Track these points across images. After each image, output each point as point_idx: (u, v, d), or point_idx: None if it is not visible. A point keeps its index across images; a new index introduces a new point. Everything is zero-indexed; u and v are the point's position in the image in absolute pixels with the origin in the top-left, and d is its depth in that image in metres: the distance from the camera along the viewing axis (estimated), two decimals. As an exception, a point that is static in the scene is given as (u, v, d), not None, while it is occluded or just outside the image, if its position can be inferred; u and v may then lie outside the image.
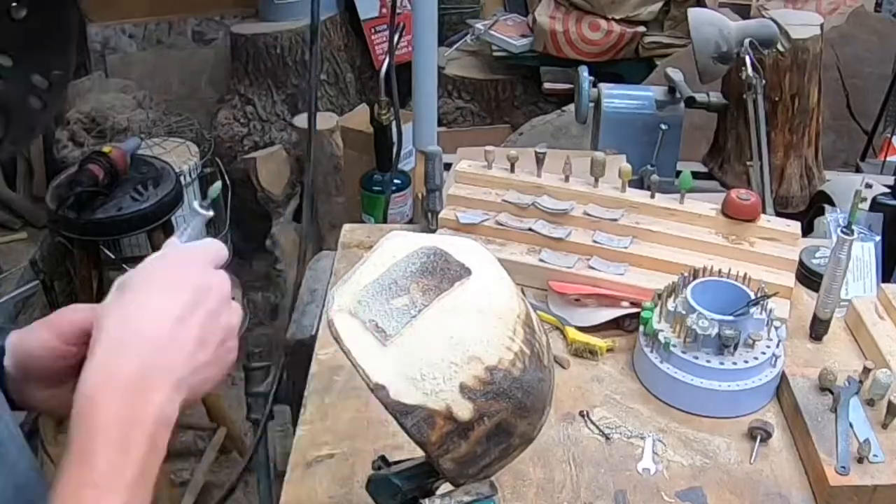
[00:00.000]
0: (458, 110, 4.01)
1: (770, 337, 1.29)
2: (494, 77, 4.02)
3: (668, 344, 1.26)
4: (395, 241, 0.84)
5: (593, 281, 1.45)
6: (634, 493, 1.14)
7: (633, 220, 1.53)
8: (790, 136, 2.69)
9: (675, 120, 2.54)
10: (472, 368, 0.74)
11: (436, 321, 0.75)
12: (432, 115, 2.49)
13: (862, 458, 1.12)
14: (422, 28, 2.24)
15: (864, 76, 3.64)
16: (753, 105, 2.38)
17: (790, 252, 1.48)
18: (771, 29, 2.48)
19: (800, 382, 1.26)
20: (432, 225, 1.61)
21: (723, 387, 1.24)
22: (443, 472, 0.77)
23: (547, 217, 1.55)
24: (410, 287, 0.79)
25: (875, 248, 1.52)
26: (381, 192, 2.67)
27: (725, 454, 1.21)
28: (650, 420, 1.26)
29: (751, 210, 1.51)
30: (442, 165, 1.66)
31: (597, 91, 2.64)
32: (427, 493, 0.82)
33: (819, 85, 2.66)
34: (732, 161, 2.76)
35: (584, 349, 1.37)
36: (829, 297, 1.37)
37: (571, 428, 1.24)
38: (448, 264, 0.80)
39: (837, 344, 1.41)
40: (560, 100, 3.75)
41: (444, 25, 3.91)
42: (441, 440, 0.74)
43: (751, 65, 2.37)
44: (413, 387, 0.73)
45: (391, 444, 1.15)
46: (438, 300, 0.77)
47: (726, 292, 1.32)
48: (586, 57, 3.75)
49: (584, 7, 3.78)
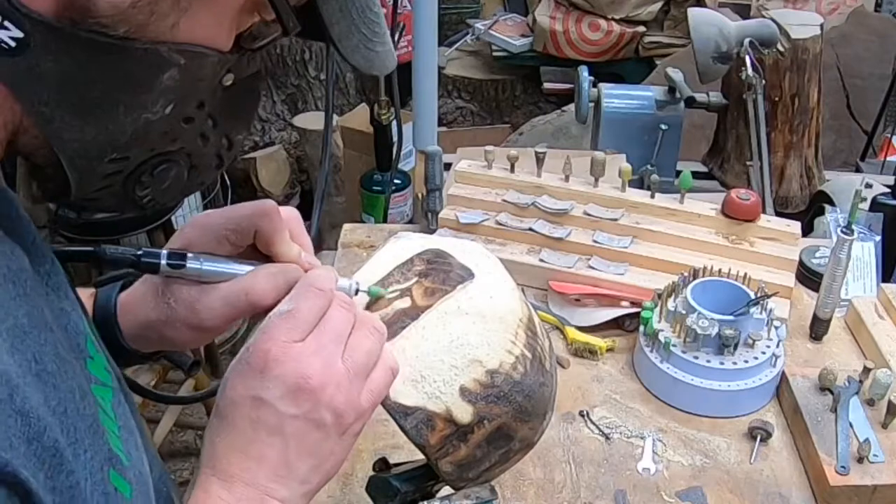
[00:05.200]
0: (458, 110, 4.02)
1: (770, 337, 1.29)
2: (494, 77, 4.02)
3: (669, 344, 1.26)
4: (397, 242, 0.84)
5: (593, 281, 1.45)
6: (634, 493, 1.14)
7: (633, 220, 1.53)
8: (790, 136, 2.69)
9: (675, 120, 2.54)
10: (472, 371, 0.74)
11: (437, 323, 0.75)
12: (432, 115, 2.49)
13: (862, 457, 1.12)
14: (422, 28, 2.24)
15: (864, 76, 3.64)
16: (753, 105, 2.38)
17: (790, 252, 1.48)
18: (771, 29, 2.48)
19: (800, 382, 1.26)
20: (432, 225, 1.61)
21: (723, 387, 1.24)
22: (442, 476, 0.77)
23: (547, 217, 1.55)
24: (412, 289, 0.79)
25: (875, 248, 1.52)
26: (381, 191, 2.68)
27: (725, 454, 1.21)
28: (650, 420, 1.26)
29: (751, 210, 1.51)
30: (442, 165, 1.66)
31: (597, 91, 2.64)
32: (426, 496, 0.82)
33: (819, 85, 2.66)
34: (732, 161, 2.76)
35: (584, 349, 1.37)
36: (829, 297, 1.37)
37: (571, 428, 1.24)
38: (450, 267, 0.80)
39: (837, 344, 1.41)
40: (560, 100, 3.75)
41: (444, 25, 3.91)
42: (440, 443, 0.74)
43: (751, 65, 2.37)
44: (413, 388, 0.73)
45: (391, 444, 1.15)
46: (440, 302, 0.77)
47: (726, 292, 1.32)
48: (586, 57, 3.75)
49: (584, 7, 3.78)
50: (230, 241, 0.74)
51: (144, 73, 0.53)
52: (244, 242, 0.74)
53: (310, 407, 0.65)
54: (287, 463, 0.65)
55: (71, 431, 0.52)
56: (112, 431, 0.59)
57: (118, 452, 0.58)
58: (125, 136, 0.55)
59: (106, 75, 0.52)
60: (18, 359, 0.49)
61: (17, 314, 0.51)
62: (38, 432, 0.48)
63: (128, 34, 0.51)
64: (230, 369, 0.68)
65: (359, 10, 0.62)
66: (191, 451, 2.74)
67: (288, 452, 0.65)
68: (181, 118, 0.58)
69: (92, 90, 0.53)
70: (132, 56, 0.52)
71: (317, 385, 0.65)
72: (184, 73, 0.55)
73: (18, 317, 0.51)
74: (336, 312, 0.68)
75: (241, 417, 0.65)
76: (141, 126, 0.55)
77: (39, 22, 0.49)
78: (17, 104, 0.52)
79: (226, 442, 0.66)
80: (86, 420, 0.54)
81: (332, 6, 0.60)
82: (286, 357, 0.65)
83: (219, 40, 0.57)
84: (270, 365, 0.64)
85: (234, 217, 0.74)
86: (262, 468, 0.65)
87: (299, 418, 0.65)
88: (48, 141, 0.54)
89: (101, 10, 0.50)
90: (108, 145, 0.55)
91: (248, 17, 0.59)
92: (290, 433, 0.65)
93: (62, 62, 0.51)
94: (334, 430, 0.66)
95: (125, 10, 0.50)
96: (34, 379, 0.50)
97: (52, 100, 0.52)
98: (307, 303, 0.67)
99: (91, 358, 0.62)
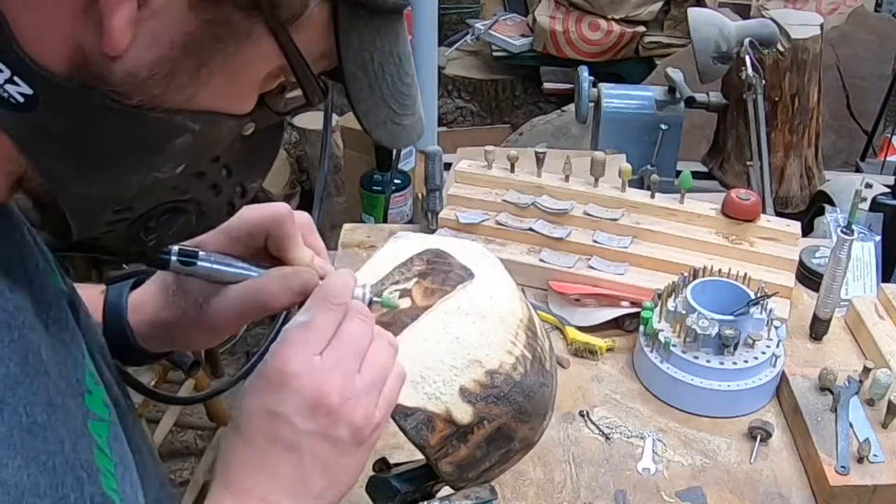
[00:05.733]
0: (458, 110, 4.02)
1: (770, 337, 1.29)
2: (494, 77, 4.02)
3: (668, 344, 1.26)
4: (397, 242, 0.84)
5: (593, 281, 1.45)
6: (634, 493, 1.14)
7: (633, 220, 1.53)
8: (790, 136, 2.69)
9: (675, 120, 2.54)
10: (472, 372, 0.74)
11: (437, 324, 0.75)
12: (432, 115, 2.50)
13: (862, 457, 1.12)
14: (422, 28, 2.25)
15: (864, 76, 3.64)
16: (753, 105, 2.38)
17: (790, 252, 1.48)
18: (771, 29, 2.48)
19: (800, 382, 1.26)
20: (432, 225, 1.61)
21: (723, 387, 1.24)
22: (442, 476, 0.77)
23: (547, 217, 1.55)
24: (412, 289, 0.79)
25: (875, 248, 1.52)
26: (381, 191, 2.67)
27: (725, 454, 1.21)
28: (650, 420, 1.26)
29: (751, 210, 1.51)
30: (442, 165, 1.66)
31: (597, 91, 2.64)
32: (427, 496, 0.82)
33: (819, 85, 2.66)
34: (732, 161, 2.76)
35: (584, 349, 1.37)
36: (829, 297, 1.37)
37: (571, 428, 1.24)
38: (450, 267, 0.80)
39: (837, 344, 1.41)
40: (560, 100, 3.75)
41: (444, 25, 3.91)
42: (440, 443, 0.74)
43: (751, 65, 2.37)
44: (413, 389, 0.73)
45: (391, 444, 1.15)
46: (440, 303, 0.77)
47: (726, 292, 1.32)
48: (586, 57, 3.75)
49: (584, 7, 3.78)
50: (242, 244, 0.74)
51: (156, 139, 0.52)
52: (256, 245, 0.74)
53: (327, 423, 0.64)
54: (302, 479, 0.65)
55: (58, 487, 0.51)
56: (108, 471, 0.58)
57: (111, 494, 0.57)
58: (132, 192, 0.54)
59: (115, 138, 0.51)
60: (7, 416, 0.48)
61: (10, 363, 0.50)
62: (17, 499, 0.47)
63: (142, 103, 0.50)
64: (248, 381, 0.67)
65: (389, 85, 0.58)
66: (191, 452, 2.74)
67: (303, 469, 0.65)
68: (192, 174, 0.56)
69: (100, 150, 0.51)
70: (145, 122, 0.51)
71: (335, 401, 0.64)
72: (198, 137, 0.53)
73: (11, 366, 0.50)
74: (354, 326, 0.67)
75: (256, 432, 0.65)
76: (149, 184, 0.54)
77: (50, 81, 0.48)
78: (23, 156, 0.51)
79: (241, 457, 0.65)
80: (75, 470, 0.53)
81: (360, 83, 0.56)
82: (304, 372, 0.64)
83: (239, 107, 0.55)
84: (288, 380, 0.64)
85: (247, 220, 0.73)
86: (276, 484, 0.64)
87: (316, 434, 0.64)
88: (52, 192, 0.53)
89: (116, 79, 0.48)
90: (113, 199, 0.54)
91: (272, 81, 0.56)
92: (306, 449, 0.64)
93: (71, 122, 0.49)
94: (351, 445, 0.66)
95: (142, 80, 0.49)
96: (24, 435, 0.49)
97: (58, 156, 0.51)
98: (323, 314, 0.66)
99: (89, 393, 0.61)
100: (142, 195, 0.55)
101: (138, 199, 0.55)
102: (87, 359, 0.62)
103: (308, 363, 0.64)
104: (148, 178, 0.54)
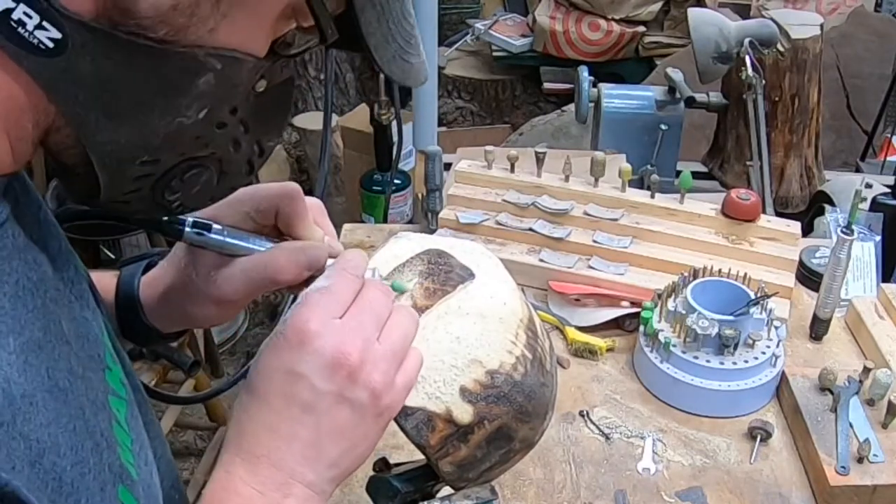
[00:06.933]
0: (458, 110, 4.02)
1: (770, 337, 1.29)
2: (494, 77, 4.02)
3: (669, 344, 1.27)
4: (397, 242, 0.84)
5: (593, 281, 1.45)
6: (634, 493, 1.14)
7: (633, 220, 1.53)
8: (790, 136, 2.69)
9: (675, 120, 2.54)
10: (472, 372, 0.74)
11: (437, 324, 0.75)
12: (432, 115, 2.50)
13: (862, 457, 1.12)
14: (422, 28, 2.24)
15: (864, 76, 3.64)
16: (753, 105, 2.38)
17: (790, 252, 1.48)
18: (771, 29, 2.48)
19: (800, 382, 1.26)
20: (432, 225, 1.61)
21: (723, 387, 1.24)
22: (442, 476, 0.77)
23: (547, 217, 1.55)
24: (413, 289, 0.79)
25: (875, 248, 1.52)
26: (381, 192, 2.68)
27: (725, 454, 1.21)
28: (650, 420, 1.26)
29: (751, 210, 1.51)
30: (442, 165, 1.66)
31: (597, 91, 2.64)
32: (427, 496, 0.82)
33: (819, 85, 2.67)
34: (732, 161, 2.76)
35: (584, 349, 1.37)
36: (829, 297, 1.37)
37: (571, 428, 1.24)
38: (451, 267, 0.80)
39: (837, 344, 1.41)
40: (560, 100, 3.76)
41: (444, 25, 3.91)
42: (440, 443, 0.74)
43: (751, 65, 2.37)
44: (413, 389, 0.72)
45: (391, 443, 1.15)
46: (440, 303, 0.77)
47: (726, 292, 1.32)
48: (586, 57, 3.75)
49: (584, 7, 3.78)
50: (253, 220, 0.75)
51: (181, 77, 0.53)
52: (267, 222, 0.75)
53: (347, 384, 0.63)
54: (318, 443, 0.63)
55: (78, 450, 0.51)
56: (125, 445, 0.58)
57: (129, 467, 0.57)
58: (158, 140, 0.55)
59: (143, 78, 0.52)
60: (31, 375, 0.49)
61: (33, 328, 0.51)
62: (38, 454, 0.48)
63: (167, 37, 0.51)
64: (264, 344, 0.66)
65: (395, 20, 0.61)
66: (191, 451, 2.74)
67: (320, 432, 0.63)
68: (214, 123, 0.57)
69: (128, 92, 0.53)
70: (170, 59, 0.52)
71: (355, 362, 0.63)
72: (219, 77, 0.54)
73: (34, 331, 0.51)
74: (375, 294, 0.67)
75: (273, 392, 0.63)
76: (174, 130, 0.55)
77: (79, 23, 0.49)
78: (52, 105, 0.52)
79: (255, 419, 0.64)
80: (94, 437, 0.53)
81: (370, 15, 0.59)
82: (325, 331, 0.63)
83: (255, 46, 0.56)
84: (308, 338, 0.62)
85: (258, 196, 0.74)
86: (291, 448, 0.63)
87: (335, 395, 0.63)
88: (80, 141, 0.53)
89: (141, 12, 0.50)
90: (140, 148, 0.55)
91: (284, 24, 0.58)
92: (324, 411, 0.63)
93: (100, 64, 0.51)
94: (369, 412, 0.64)
95: (166, 12, 0.50)
96: (45, 395, 0.50)
97: (87, 101, 0.52)
98: (344, 281, 0.66)
99: (109, 369, 0.61)
100: (167, 144, 0.56)
101: (164, 149, 0.56)
102: (105, 336, 0.63)
103: (328, 324, 0.63)
104: (173, 124, 0.55)
